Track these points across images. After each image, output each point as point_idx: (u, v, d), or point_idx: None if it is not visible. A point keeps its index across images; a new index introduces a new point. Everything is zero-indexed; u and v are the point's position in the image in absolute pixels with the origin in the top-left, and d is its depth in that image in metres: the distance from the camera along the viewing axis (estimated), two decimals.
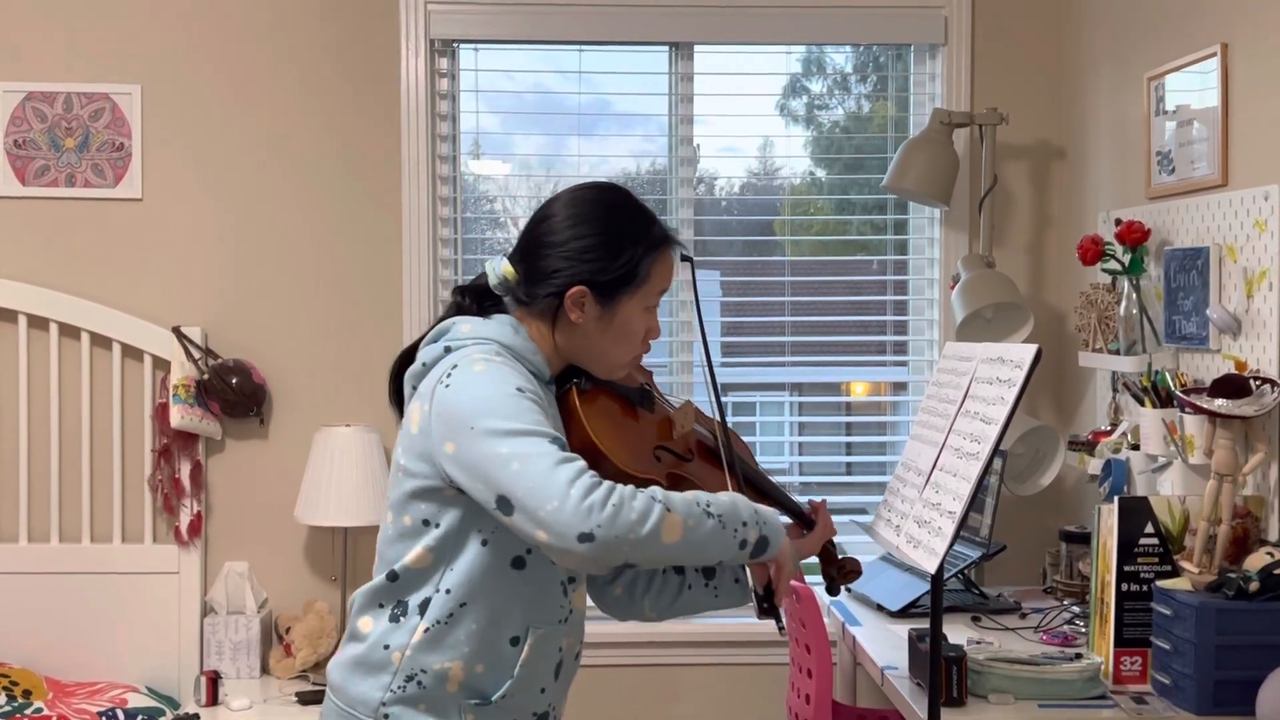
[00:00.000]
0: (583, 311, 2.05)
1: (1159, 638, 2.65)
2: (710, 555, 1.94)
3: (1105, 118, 3.75)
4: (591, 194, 2.11)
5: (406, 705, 1.98)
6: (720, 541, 1.92)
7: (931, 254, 4.10)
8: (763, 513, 1.98)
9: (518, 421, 1.88)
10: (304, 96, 3.96)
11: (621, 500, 1.83)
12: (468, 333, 2.04)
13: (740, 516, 1.95)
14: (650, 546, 1.84)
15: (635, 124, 4.16)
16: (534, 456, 1.85)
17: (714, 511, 1.92)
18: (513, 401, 1.91)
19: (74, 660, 3.82)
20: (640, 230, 2.08)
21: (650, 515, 1.83)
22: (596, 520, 1.80)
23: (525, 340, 2.06)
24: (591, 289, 2.04)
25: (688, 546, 1.89)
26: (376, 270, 3.97)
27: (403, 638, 1.99)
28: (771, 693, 3.96)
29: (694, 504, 1.90)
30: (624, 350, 2.10)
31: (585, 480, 1.83)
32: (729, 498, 1.96)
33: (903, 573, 3.51)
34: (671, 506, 1.87)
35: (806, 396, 4.33)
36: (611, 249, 2.05)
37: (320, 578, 3.98)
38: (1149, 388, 3.13)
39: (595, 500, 1.81)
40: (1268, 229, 2.85)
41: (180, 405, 3.79)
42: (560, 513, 1.80)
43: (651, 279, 2.08)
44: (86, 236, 3.92)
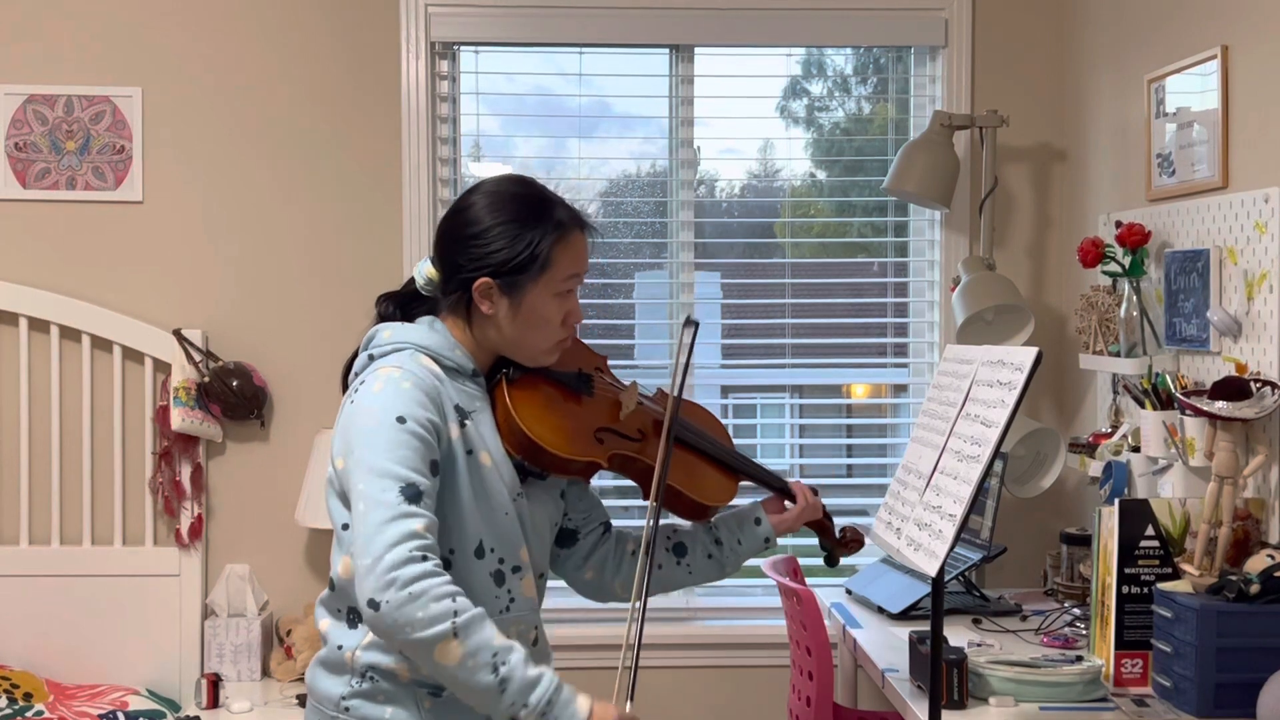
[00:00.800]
0: (492, 303, 2.08)
1: (1160, 640, 2.65)
2: (475, 704, 1.92)
3: (1106, 120, 3.75)
4: (491, 185, 2.14)
5: (365, 699, 2.05)
6: (490, 700, 1.88)
7: (932, 256, 4.10)
8: (560, 709, 1.89)
9: (383, 458, 1.91)
10: (305, 99, 3.96)
11: (422, 592, 1.83)
12: (388, 339, 2.10)
13: (527, 697, 1.87)
14: (420, 652, 1.86)
15: (636, 126, 4.16)
16: (376, 506, 1.88)
17: (503, 673, 1.86)
18: (387, 434, 1.93)
19: (75, 663, 3.82)
20: (539, 215, 2.09)
21: (435, 626, 1.83)
22: (387, 596, 1.83)
23: (444, 337, 2.09)
24: (495, 279, 2.06)
25: (454, 681, 1.88)
26: (377, 273, 3.97)
27: (355, 639, 2.06)
28: (772, 695, 3.96)
29: (490, 651, 1.86)
30: (541, 337, 2.11)
31: (403, 551, 1.84)
32: (537, 675, 1.89)
33: (903, 575, 3.51)
34: (463, 635, 1.84)
35: (807, 398, 4.33)
36: (510, 237, 2.06)
37: (321, 580, 3.97)
38: (1150, 390, 3.13)
39: (400, 577, 1.83)
40: (1268, 231, 2.85)
41: (181, 408, 3.79)
42: (369, 572, 1.84)
43: (556, 264, 2.08)
44: (87, 239, 3.92)
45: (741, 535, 2.32)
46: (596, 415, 2.18)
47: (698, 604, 4.09)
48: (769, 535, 2.33)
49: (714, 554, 2.31)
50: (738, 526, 2.32)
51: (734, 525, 2.33)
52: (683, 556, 2.30)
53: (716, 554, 2.31)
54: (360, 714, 2.04)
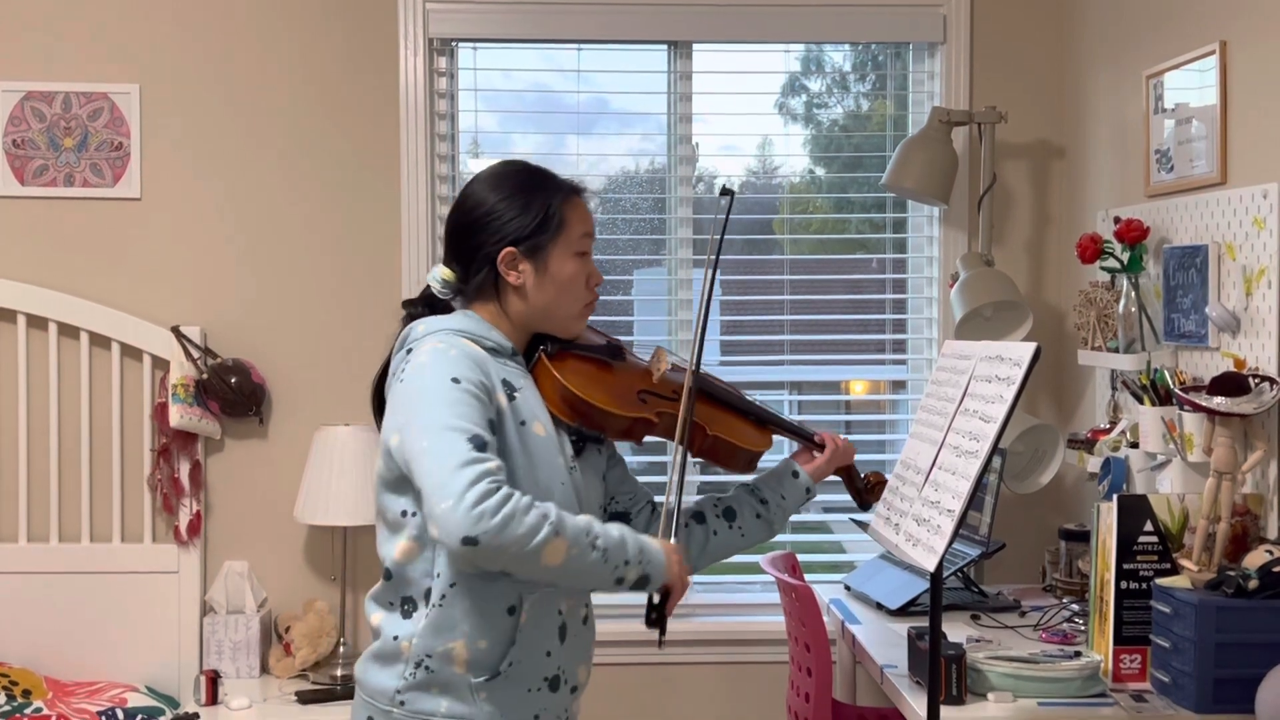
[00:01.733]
0: (518, 271, 2.15)
1: (1158, 636, 2.65)
2: (584, 584, 2.03)
3: (1104, 116, 3.75)
4: (490, 170, 2.24)
5: (420, 690, 2.06)
6: (598, 573, 1.99)
7: (930, 252, 4.10)
8: (648, 551, 2.03)
9: (443, 415, 1.96)
10: (303, 96, 3.96)
11: (514, 511, 1.88)
12: (423, 330, 2.15)
13: (625, 554, 2.00)
14: (529, 564, 1.91)
15: (634, 123, 4.16)
16: (444, 454, 1.91)
17: (601, 544, 1.97)
18: (444, 392, 1.99)
19: (73, 660, 3.82)
20: (541, 183, 2.20)
21: (537, 534, 1.89)
22: (484, 527, 1.86)
23: (479, 322, 2.16)
24: (518, 246, 2.14)
25: (566, 573, 1.96)
26: (376, 269, 3.97)
27: (409, 626, 2.07)
28: (771, 691, 3.96)
29: (584, 533, 1.96)
30: (570, 300, 2.19)
31: (484, 485, 1.88)
32: (619, 533, 2.01)
33: (902, 571, 3.51)
34: (561, 531, 1.92)
35: (806, 395, 4.33)
36: (522, 204, 2.16)
37: (320, 577, 3.97)
38: (1148, 386, 3.13)
39: (488, 507, 1.87)
40: (1266, 227, 2.85)
41: (179, 405, 3.79)
42: (452, 513, 1.86)
43: (569, 223, 2.18)
44: (85, 236, 3.92)
45: (783, 490, 2.38)
46: (634, 379, 2.26)
47: (697, 600, 4.09)
48: (809, 485, 2.39)
49: (761, 513, 2.37)
50: (777, 483, 2.39)
51: (774, 482, 2.39)
52: (733, 520, 2.36)
53: (764, 512, 2.37)
54: (415, 707, 2.06)
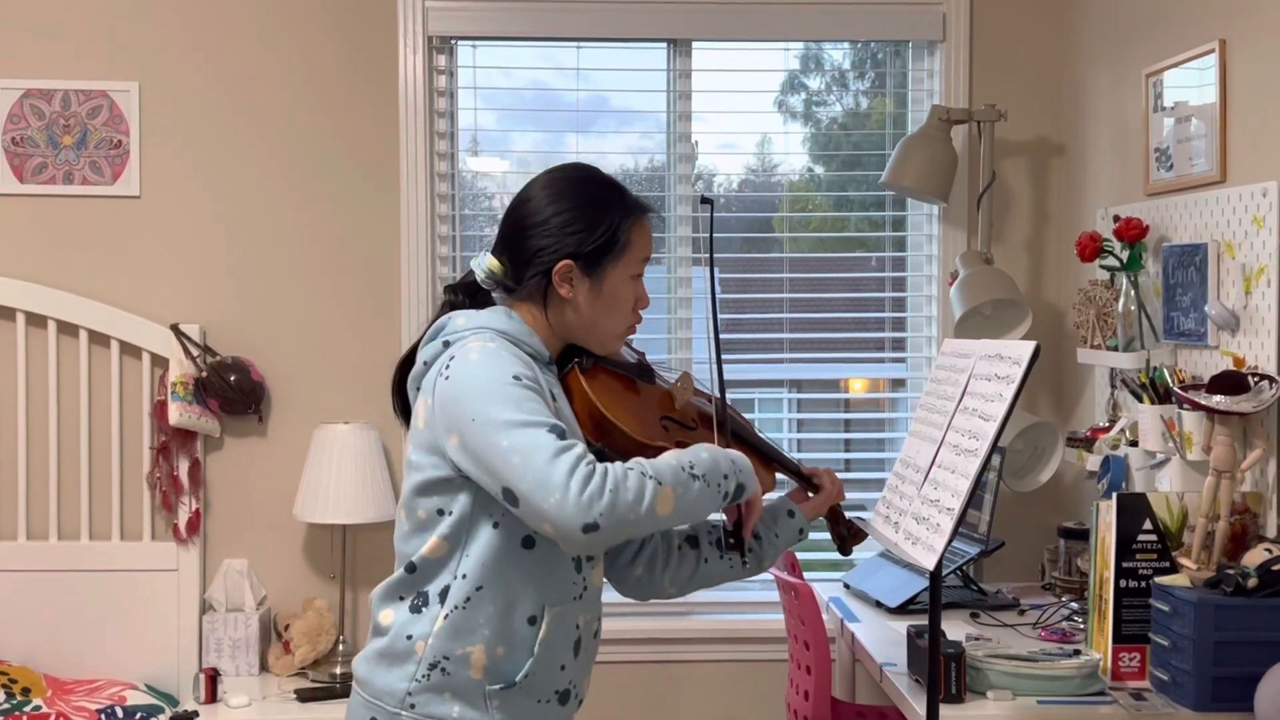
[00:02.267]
0: (571, 285, 2.10)
1: (1157, 634, 2.65)
2: (700, 515, 2.01)
3: (1104, 114, 3.75)
4: (562, 173, 2.18)
5: (432, 693, 2.01)
6: (707, 499, 1.99)
7: (930, 250, 4.10)
8: (737, 461, 2.05)
9: (516, 412, 1.92)
10: (302, 94, 3.96)
11: (617, 484, 1.87)
12: (463, 325, 2.08)
13: (720, 470, 2.01)
14: (648, 522, 1.91)
15: (633, 121, 4.16)
16: (533, 450, 1.88)
17: (698, 472, 1.98)
18: (509, 390, 1.94)
19: (73, 658, 3.82)
20: (615, 199, 2.14)
21: (645, 493, 1.89)
22: (598, 510, 1.85)
23: (520, 325, 2.10)
24: (576, 261, 2.09)
25: (680, 513, 1.96)
26: (375, 267, 3.97)
27: (425, 626, 2.02)
28: (771, 689, 3.96)
29: (679, 470, 1.96)
30: (616, 320, 2.15)
31: (582, 470, 1.87)
32: (706, 453, 2.02)
33: (901, 569, 3.51)
34: (661, 478, 1.92)
35: (805, 393, 4.33)
36: (590, 220, 2.10)
37: (319, 575, 3.97)
38: (1147, 384, 3.13)
39: (594, 490, 1.86)
40: (1266, 225, 2.85)
41: (179, 403, 3.79)
42: (563, 506, 1.85)
43: (633, 245, 2.13)
44: (84, 234, 3.92)
45: (778, 529, 2.34)
46: (659, 404, 2.24)
47: (696, 598, 4.09)
48: (803, 526, 2.35)
49: (754, 548, 2.32)
50: (773, 521, 2.34)
51: (769, 520, 2.34)
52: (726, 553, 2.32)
53: (756, 548, 2.32)
54: (426, 710, 2.00)
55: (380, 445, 3.86)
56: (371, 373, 3.93)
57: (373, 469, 3.80)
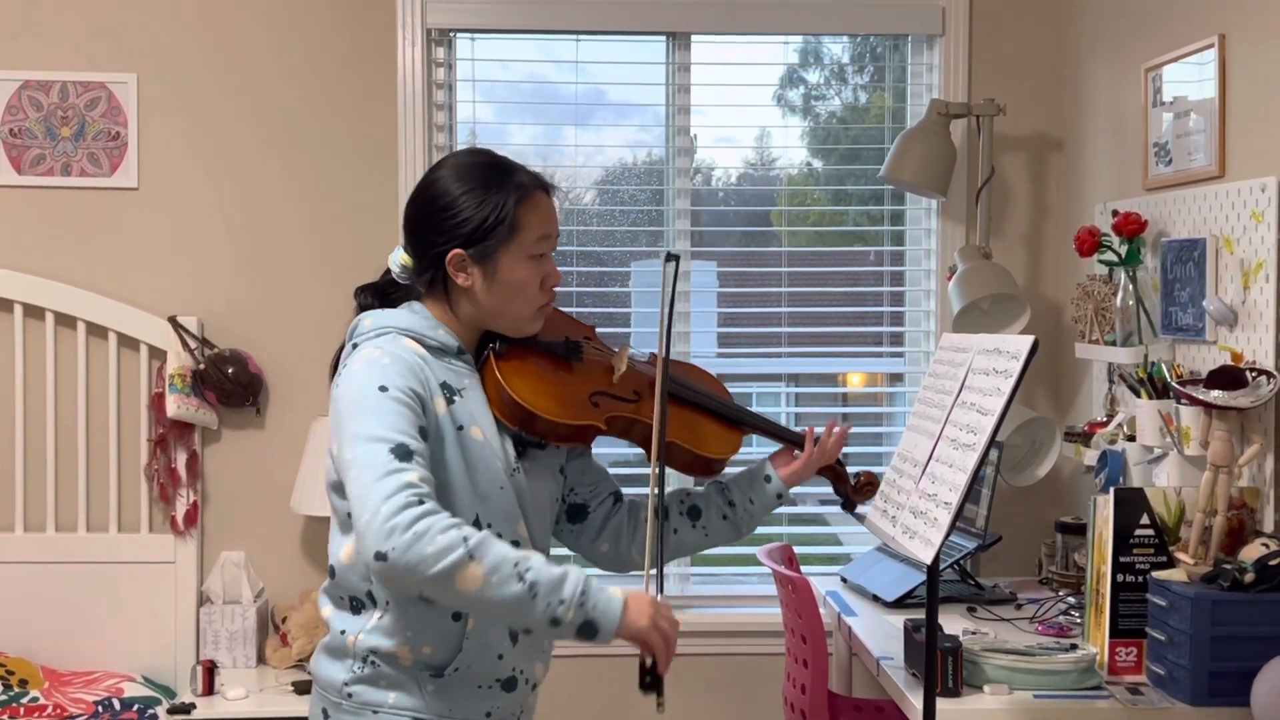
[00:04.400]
0: (466, 274, 2.09)
1: (1154, 629, 2.65)
2: (511, 619, 1.92)
3: (1103, 109, 3.75)
4: (452, 159, 2.16)
5: (367, 684, 2.06)
6: (524, 609, 1.86)
7: (928, 245, 4.10)
8: (595, 596, 1.89)
9: (370, 425, 1.92)
10: (300, 86, 3.95)
11: (427, 529, 1.81)
12: (369, 326, 2.11)
13: (559, 594, 1.86)
14: (441, 587, 1.83)
15: (632, 114, 4.16)
16: (367, 465, 1.88)
17: (529, 579, 1.85)
18: (369, 403, 1.95)
19: (70, 649, 3.82)
20: (500, 180, 2.09)
21: (447, 556, 1.81)
22: (393, 543, 1.80)
23: (425, 319, 2.10)
24: (466, 249, 2.07)
25: (482, 602, 1.85)
26: (373, 260, 3.91)
27: (357, 624, 2.07)
28: (768, 683, 3.96)
29: (510, 563, 1.85)
30: (520, 304, 2.11)
31: (400, 498, 1.82)
32: (561, 571, 1.88)
33: (899, 563, 3.51)
34: (478, 555, 1.82)
35: (803, 387, 4.33)
36: (473, 204, 2.07)
37: (316, 568, 3.98)
38: (1145, 379, 3.13)
39: (399, 522, 1.81)
40: (1264, 220, 2.85)
41: (176, 395, 3.79)
42: (369, 525, 1.82)
43: (524, 226, 2.08)
44: (82, 226, 3.91)
45: (753, 494, 2.29)
46: (589, 380, 2.18)
47: (693, 592, 4.10)
48: (780, 491, 2.29)
49: (728, 515, 2.28)
50: (748, 485, 2.29)
51: (745, 485, 2.30)
52: (697, 519, 2.28)
53: (730, 515, 2.28)
54: (363, 699, 2.05)
55: None
56: None
57: None
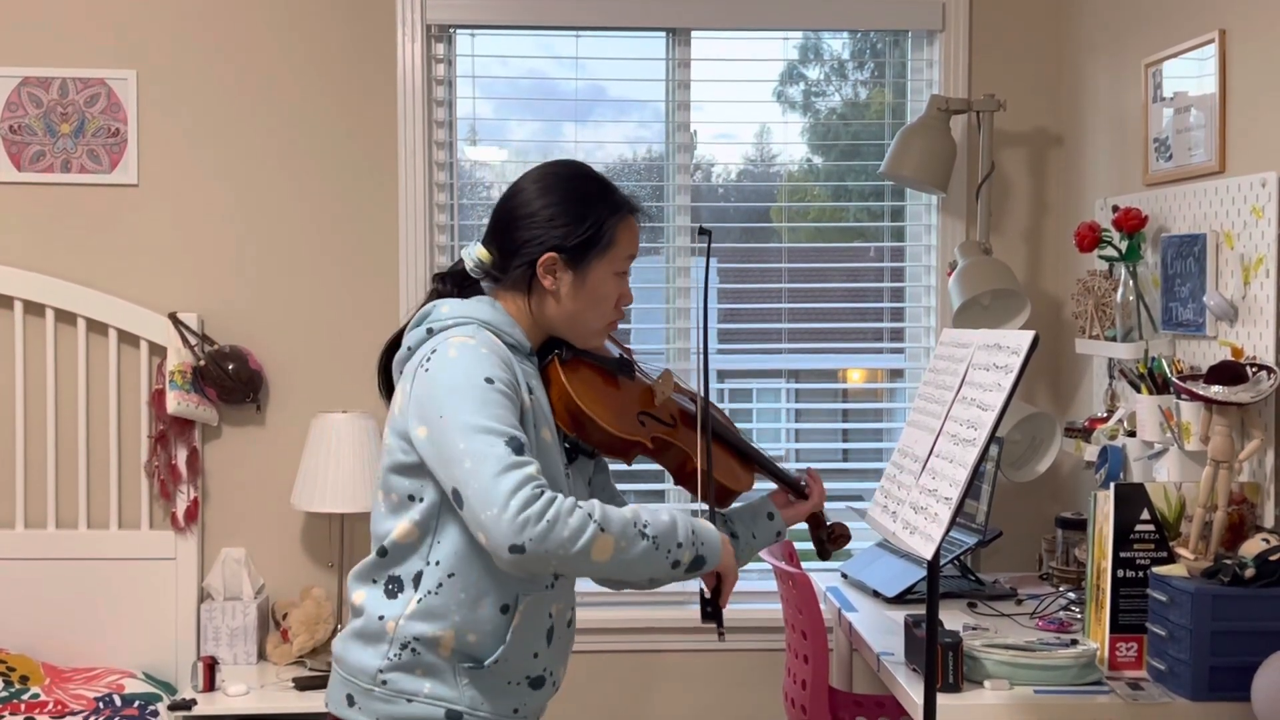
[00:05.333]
0: (555, 277, 2.14)
1: (1155, 624, 2.66)
2: (641, 573, 2.01)
3: (1103, 104, 3.75)
4: (555, 168, 2.22)
5: (403, 671, 2.05)
6: (652, 561, 1.98)
7: (929, 241, 4.10)
8: (700, 533, 2.04)
9: (480, 416, 1.95)
10: (300, 83, 3.95)
11: (557, 516, 1.88)
12: (447, 313, 2.12)
13: (675, 537, 2.00)
14: (579, 563, 1.91)
15: (632, 110, 4.16)
16: (486, 458, 1.91)
17: (649, 533, 1.97)
18: (480, 393, 1.97)
19: (71, 646, 3.82)
20: (603, 195, 2.18)
21: (583, 534, 1.89)
22: (529, 534, 1.86)
23: (503, 315, 2.14)
24: (561, 254, 2.13)
25: (617, 565, 1.96)
26: (373, 256, 3.97)
27: (397, 608, 2.06)
28: (768, 678, 3.96)
29: (630, 524, 1.96)
30: (599, 315, 2.18)
31: (527, 491, 1.88)
32: (669, 517, 2.01)
33: (899, 559, 3.51)
34: (606, 526, 1.92)
35: (803, 384, 4.33)
36: (577, 214, 2.14)
37: (317, 564, 3.98)
38: (1145, 374, 3.13)
39: (532, 514, 1.87)
40: (1265, 216, 2.85)
41: (177, 391, 3.79)
42: (498, 521, 1.87)
43: (618, 242, 2.17)
44: (82, 222, 3.91)
45: (755, 529, 2.38)
46: (637, 399, 2.25)
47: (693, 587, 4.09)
48: (781, 529, 2.40)
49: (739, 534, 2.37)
50: (751, 520, 2.39)
51: (748, 519, 2.39)
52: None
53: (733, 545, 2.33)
54: (398, 686, 2.05)
55: (378, 434, 3.86)
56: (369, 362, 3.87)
57: (370, 458, 3.79)
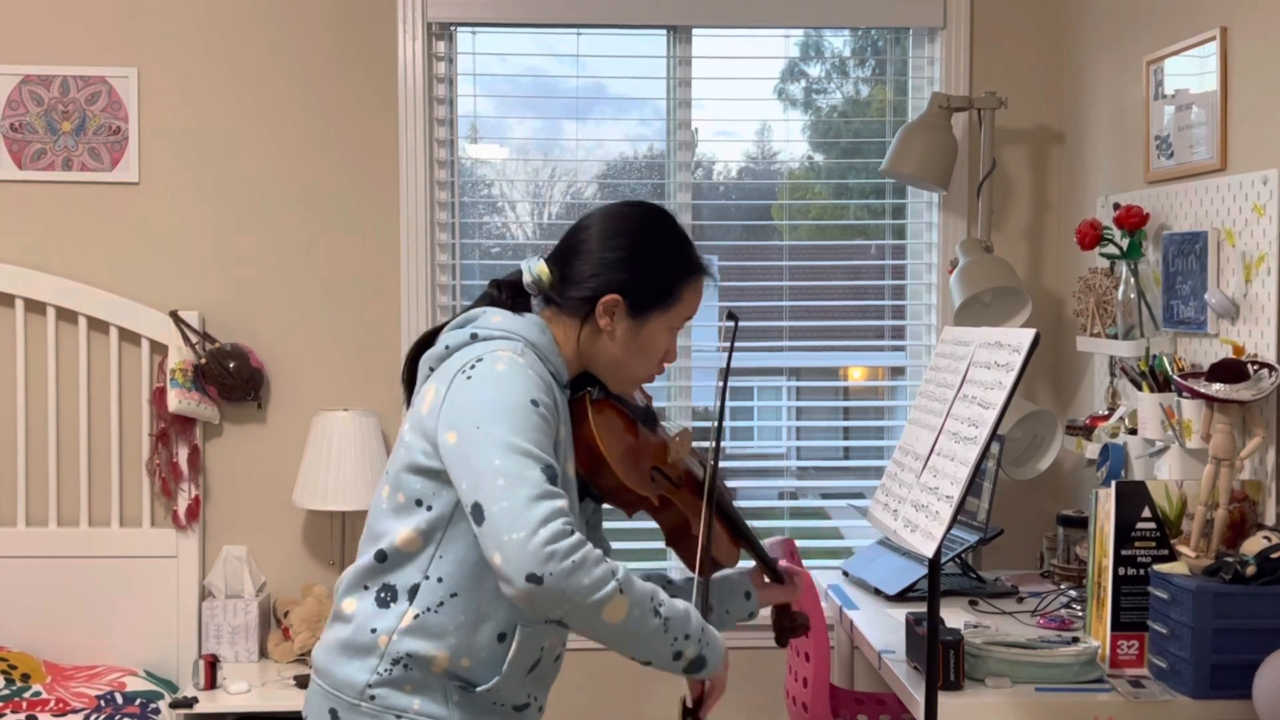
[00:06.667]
0: (613, 320, 2.08)
1: (1156, 622, 2.66)
2: (641, 651, 1.94)
3: (1104, 102, 3.75)
4: (638, 210, 2.16)
5: (392, 688, 1.98)
6: (657, 644, 1.92)
7: (930, 238, 4.10)
8: (710, 633, 1.99)
9: (520, 438, 1.88)
10: (301, 80, 3.95)
11: (584, 560, 1.82)
12: (497, 324, 2.06)
13: (686, 629, 1.95)
14: (588, 616, 1.84)
15: (632, 108, 4.15)
16: (521, 481, 1.84)
17: (664, 613, 1.92)
18: (523, 414, 1.91)
19: (72, 644, 3.83)
20: (680, 252, 2.13)
21: (603, 587, 1.83)
22: (551, 568, 1.79)
23: (550, 340, 2.08)
24: (626, 299, 2.07)
25: (623, 634, 1.89)
26: (374, 254, 3.97)
27: (390, 622, 1.98)
28: (770, 676, 3.96)
29: (649, 597, 1.90)
30: (643, 365, 2.13)
31: (558, 525, 1.81)
32: (684, 607, 1.96)
33: (900, 557, 3.51)
34: (626, 589, 1.86)
35: (804, 381, 4.33)
36: (651, 263, 2.09)
37: (318, 562, 3.98)
38: (1147, 372, 3.13)
39: (560, 549, 1.80)
40: (1266, 213, 2.85)
41: (178, 389, 3.79)
42: (523, 546, 1.79)
43: (683, 302, 2.13)
44: (83, 220, 3.91)
45: (731, 605, 2.32)
46: (652, 453, 2.19)
47: None
48: (754, 610, 2.34)
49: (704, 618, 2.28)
50: (728, 596, 2.32)
51: (725, 594, 2.32)
52: None
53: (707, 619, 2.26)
54: (386, 703, 1.97)
55: (379, 432, 3.86)
56: (370, 359, 3.93)
57: (372, 455, 3.80)
